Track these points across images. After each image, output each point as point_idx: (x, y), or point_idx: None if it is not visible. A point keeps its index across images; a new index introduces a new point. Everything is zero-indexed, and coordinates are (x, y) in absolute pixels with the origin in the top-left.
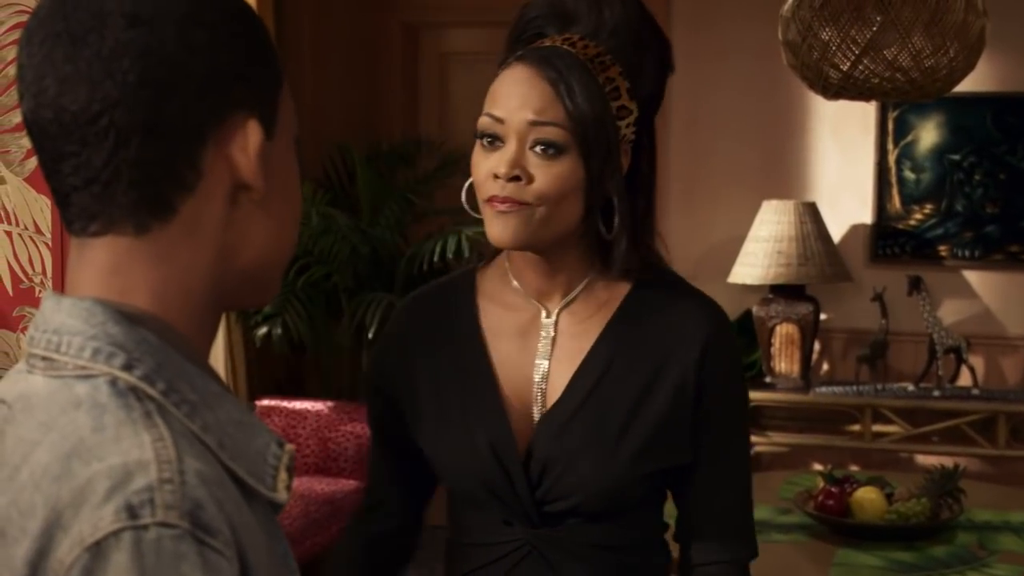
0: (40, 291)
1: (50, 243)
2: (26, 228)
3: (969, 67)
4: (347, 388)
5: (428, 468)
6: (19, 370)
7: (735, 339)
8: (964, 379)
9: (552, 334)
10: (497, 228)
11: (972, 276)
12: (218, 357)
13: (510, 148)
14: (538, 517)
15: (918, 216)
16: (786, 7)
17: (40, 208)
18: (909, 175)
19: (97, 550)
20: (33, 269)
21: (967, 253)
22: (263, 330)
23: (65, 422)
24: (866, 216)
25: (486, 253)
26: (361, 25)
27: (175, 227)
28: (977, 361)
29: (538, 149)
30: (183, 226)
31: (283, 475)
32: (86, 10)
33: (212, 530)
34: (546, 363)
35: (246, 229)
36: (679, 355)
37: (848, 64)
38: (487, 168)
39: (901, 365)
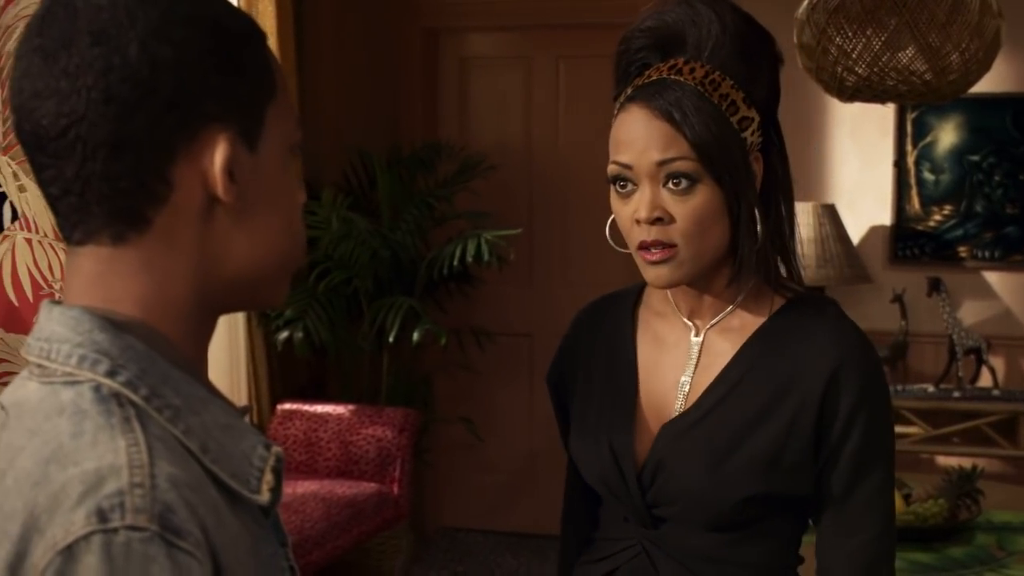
0: (60, 297)
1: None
2: (45, 235)
3: (984, 68)
4: (368, 391)
5: None
6: (22, 376)
7: (875, 371)
8: (984, 380)
9: (698, 352)
10: (652, 275)
11: (992, 277)
12: (240, 361)
13: (645, 191)
14: (650, 520)
15: (938, 217)
16: (800, 10)
17: None
18: (928, 176)
19: (69, 553)
20: (52, 276)
21: (987, 254)
22: (284, 334)
23: (48, 428)
24: (885, 218)
25: (505, 257)
26: (381, 30)
27: (152, 238)
28: (997, 362)
29: (671, 185)
30: (160, 237)
31: (268, 477)
32: (59, 27)
33: (182, 532)
34: (689, 380)
35: (227, 240)
36: (803, 383)
37: (863, 67)
38: (628, 214)
39: (921, 366)
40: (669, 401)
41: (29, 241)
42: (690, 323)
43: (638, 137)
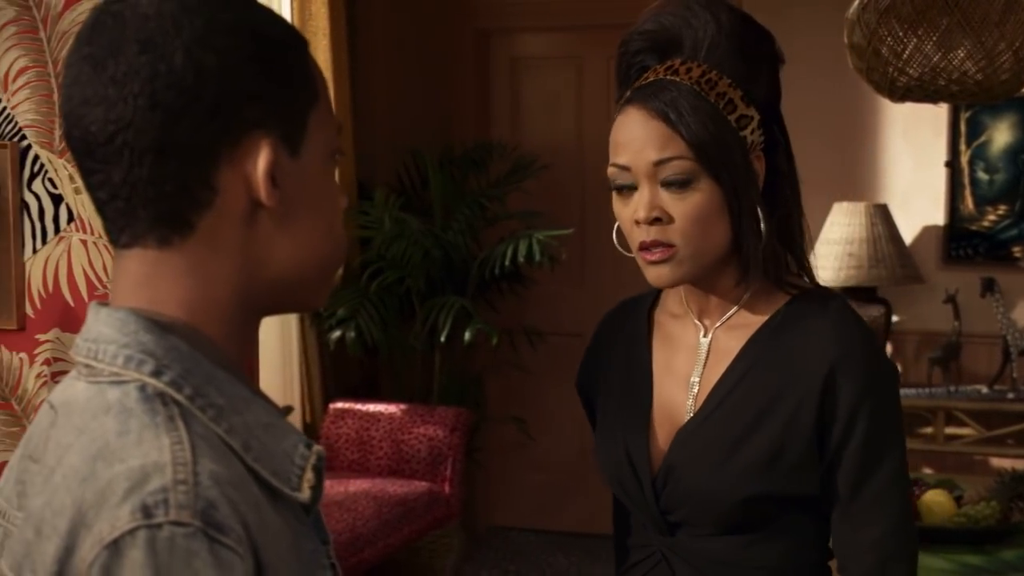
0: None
1: None
2: (100, 236)
3: None
4: (420, 391)
5: None
6: (71, 376)
7: (877, 365)
8: None
9: (706, 352)
10: (652, 275)
11: None
12: (292, 360)
13: (644, 192)
14: (665, 526)
15: (991, 217)
16: (851, 10)
17: None
18: (982, 176)
19: (115, 548)
20: (107, 276)
21: None
22: (337, 333)
23: (95, 426)
24: (938, 217)
25: (557, 257)
26: (434, 31)
27: (196, 241)
28: None
29: (669, 184)
30: (204, 240)
31: (309, 475)
32: (107, 36)
33: (224, 528)
34: (698, 380)
35: (269, 243)
36: (801, 381)
37: (914, 67)
38: (628, 215)
39: (974, 367)
40: (681, 402)
41: (84, 243)
42: (699, 323)
43: (635, 138)
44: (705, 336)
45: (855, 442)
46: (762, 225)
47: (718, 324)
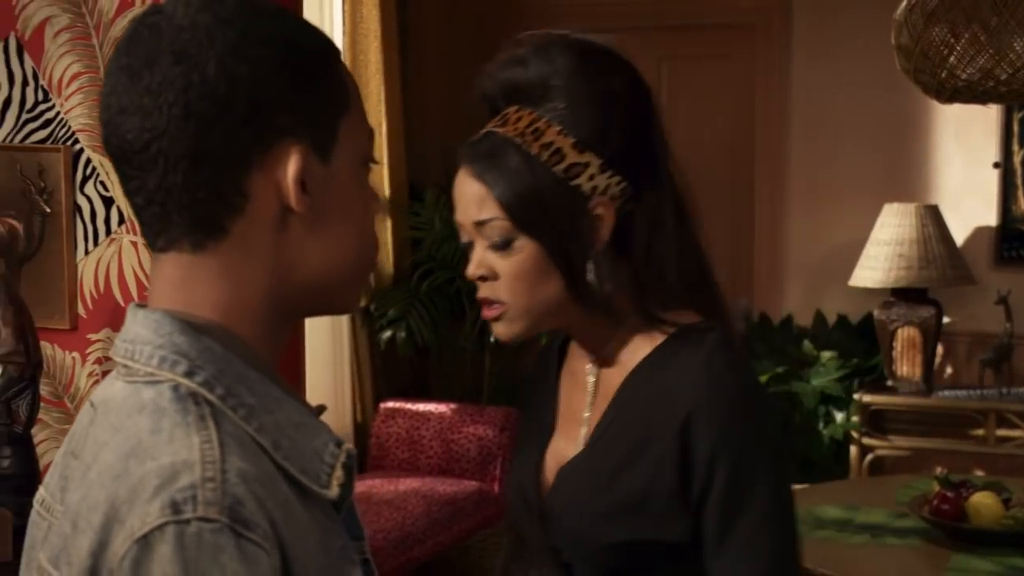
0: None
1: None
2: None
3: None
4: (470, 390)
5: None
6: (111, 376)
7: (738, 409)
8: None
9: (593, 389)
10: (494, 331)
11: None
12: (343, 360)
13: (477, 250)
14: (557, 566)
15: None
16: (899, 11)
17: None
18: None
19: (144, 542)
20: None
21: None
22: (388, 333)
23: (129, 424)
24: (990, 218)
25: None
26: (483, 33)
27: (229, 245)
28: None
29: (490, 246)
30: (236, 245)
31: (339, 473)
32: (144, 47)
33: (250, 524)
34: (587, 416)
35: (300, 247)
36: (663, 429)
37: (962, 69)
38: None
39: None
40: (572, 439)
41: (135, 244)
42: (590, 360)
43: (459, 196)
44: (590, 373)
45: (717, 489)
46: (590, 275)
47: (603, 360)
